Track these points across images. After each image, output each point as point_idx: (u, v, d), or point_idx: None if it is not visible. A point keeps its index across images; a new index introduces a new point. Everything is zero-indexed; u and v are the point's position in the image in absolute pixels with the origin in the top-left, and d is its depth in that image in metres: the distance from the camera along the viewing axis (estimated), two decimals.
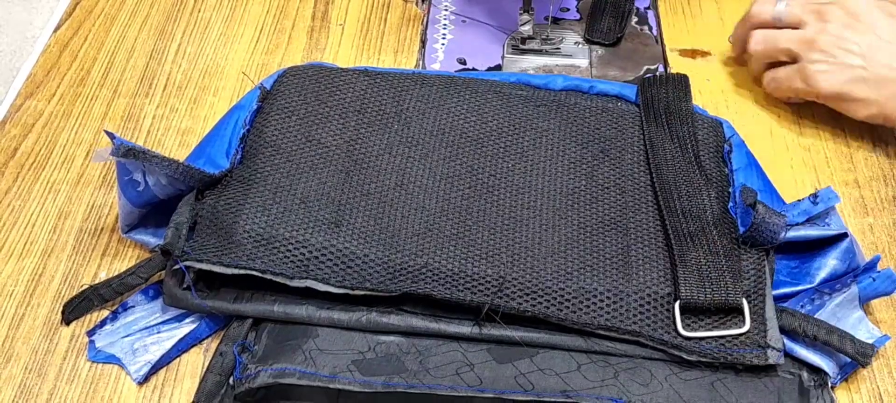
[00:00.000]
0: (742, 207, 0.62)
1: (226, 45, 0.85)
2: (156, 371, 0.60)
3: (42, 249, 0.67)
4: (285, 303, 0.59)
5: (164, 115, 0.78)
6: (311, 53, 0.84)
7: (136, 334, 0.61)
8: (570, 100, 0.72)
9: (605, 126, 0.70)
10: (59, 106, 0.78)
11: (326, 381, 0.56)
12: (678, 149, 0.67)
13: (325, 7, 0.89)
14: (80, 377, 0.60)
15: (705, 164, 0.67)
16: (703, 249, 0.60)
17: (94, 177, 0.72)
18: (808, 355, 0.58)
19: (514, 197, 0.65)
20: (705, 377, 0.57)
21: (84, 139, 0.75)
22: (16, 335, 0.62)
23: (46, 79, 0.80)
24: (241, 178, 0.65)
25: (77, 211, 0.70)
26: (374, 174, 0.66)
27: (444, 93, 0.72)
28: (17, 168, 0.73)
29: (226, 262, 0.59)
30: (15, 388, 0.59)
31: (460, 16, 0.87)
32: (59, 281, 0.65)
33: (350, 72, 0.74)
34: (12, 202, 0.70)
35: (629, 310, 0.58)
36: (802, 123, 0.77)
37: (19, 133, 0.76)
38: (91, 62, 0.82)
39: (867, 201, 0.71)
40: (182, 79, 0.81)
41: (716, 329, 0.58)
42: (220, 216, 0.62)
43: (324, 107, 0.70)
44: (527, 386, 0.56)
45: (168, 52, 0.84)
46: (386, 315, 0.59)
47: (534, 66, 0.82)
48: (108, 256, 0.67)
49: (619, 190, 0.66)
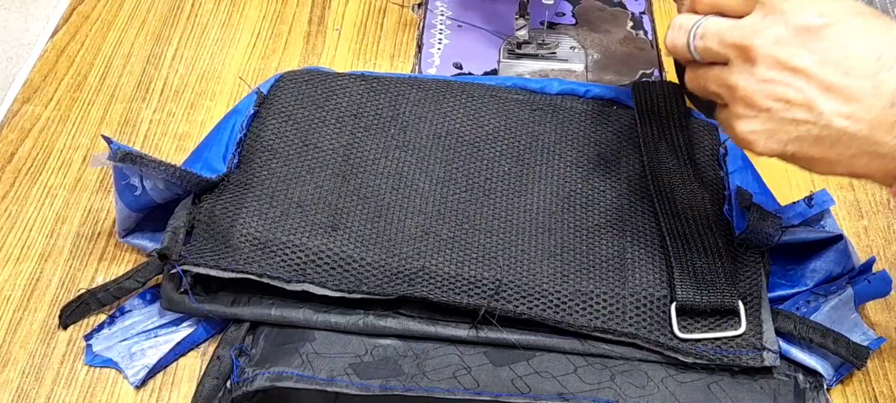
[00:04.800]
0: (737, 210, 0.62)
1: (223, 50, 0.85)
2: (153, 375, 0.60)
3: (39, 254, 0.67)
4: (282, 307, 0.60)
5: (161, 120, 0.78)
6: (307, 58, 0.84)
7: (133, 338, 0.61)
8: (565, 104, 0.72)
9: (600, 130, 0.71)
10: (56, 111, 0.78)
11: (324, 384, 0.56)
12: (673, 153, 0.68)
13: (322, 12, 0.89)
14: (78, 381, 0.60)
15: (701, 167, 0.67)
16: (698, 252, 0.60)
17: (92, 181, 0.72)
18: (803, 357, 0.58)
19: (510, 200, 0.65)
20: (701, 379, 0.57)
21: (81, 144, 0.75)
22: (13, 339, 0.62)
23: (43, 85, 0.80)
24: (238, 183, 0.65)
25: (74, 216, 0.70)
26: (371, 178, 0.66)
27: (441, 97, 0.72)
28: (14, 173, 0.73)
29: (223, 266, 0.59)
30: (12, 393, 0.59)
31: (456, 20, 0.88)
32: (57, 285, 0.65)
33: (346, 77, 0.74)
34: (9, 207, 0.70)
35: (625, 313, 0.58)
36: None
37: (16, 138, 0.76)
38: (88, 67, 0.82)
39: (862, 204, 0.71)
40: (179, 84, 0.81)
41: (712, 331, 0.58)
42: (217, 220, 0.62)
43: (320, 112, 0.70)
44: (524, 389, 0.56)
45: (165, 57, 0.84)
46: (383, 318, 0.59)
47: (530, 71, 0.82)
48: (105, 260, 0.67)
49: (615, 193, 0.66)
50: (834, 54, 0.49)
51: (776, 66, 0.50)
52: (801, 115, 0.50)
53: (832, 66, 0.49)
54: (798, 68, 0.49)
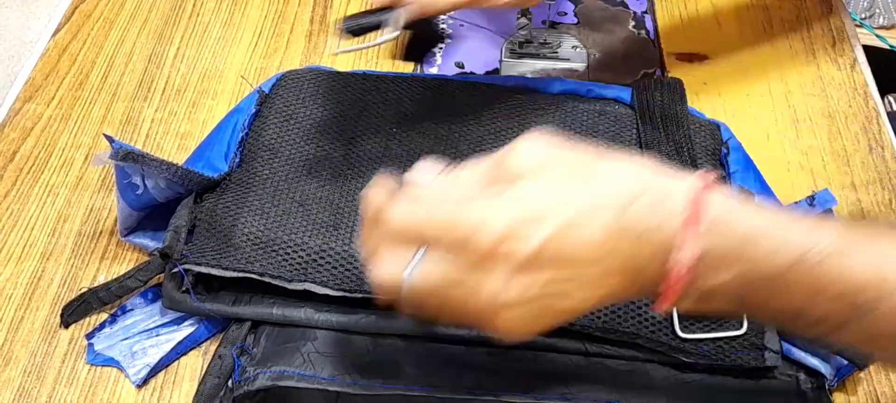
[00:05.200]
0: None
1: (224, 49, 0.85)
2: (155, 373, 0.60)
3: (41, 252, 0.67)
4: (284, 306, 0.60)
5: (162, 119, 0.78)
6: (309, 57, 0.84)
7: (134, 337, 0.61)
8: (567, 103, 0.72)
9: (601, 129, 0.71)
10: (57, 109, 0.78)
11: (325, 384, 0.56)
12: (674, 152, 0.68)
13: (324, 11, 0.89)
14: (79, 380, 0.60)
15: (702, 167, 0.67)
16: None
17: (93, 180, 0.72)
18: (805, 357, 0.58)
19: None
20: (703, 379, 0.57)
21: (83, 143, 0.75)
22: (15, 338, 0.62)
23: (45, 83, 0.80)
24: (240, 182, 0.65)
25: (76, 215, 0.70)
26: (373, 177, 0.65)
27: (443, 96, 0.72)
28: (15, 171, 0.73)
29: (224, 265, 0.59)
30: (14, 391, 0.59)
31: (458, 20, 0.88)
32: (58, 284, 0.65)
33: (348, 76, 0.74)
34: (11, 205, 0.70)
35: (627, 313, 0.58)
36: (799, 127, 0.77)
37: (18, 136, 0.76)
38: (90, 66, 0.82)
39: (864, 205, 0.71)
40: (181, 83, 0.81)
41: (713, 331, 0.58)
42: (218, 219, 0.62)
43: (322, 111, 0.70)
44: (526, 389, 0.56)
45: (167, 55, 0.84)
46: (384, 317, 0.59)
47: (531, 70, 0.82)
48: (106, 259, 0.67)
49: None
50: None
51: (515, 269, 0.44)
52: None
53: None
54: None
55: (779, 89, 0.81)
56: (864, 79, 0.81)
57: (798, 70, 0.82)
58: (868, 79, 0.82)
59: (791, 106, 0.79)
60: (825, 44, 0.85)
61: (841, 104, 0.79)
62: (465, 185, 0.46)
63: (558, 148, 0.46)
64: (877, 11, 1.37)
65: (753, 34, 0.86)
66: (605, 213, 0.43)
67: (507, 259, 0.43)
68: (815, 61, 0.83)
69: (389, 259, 0.46)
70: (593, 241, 0.43)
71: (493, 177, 0.46)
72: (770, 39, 0.85)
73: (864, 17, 1.35)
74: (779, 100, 0.80)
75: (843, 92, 0.80)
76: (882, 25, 1.36)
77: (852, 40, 0.85)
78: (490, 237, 0.43)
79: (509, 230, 0.43)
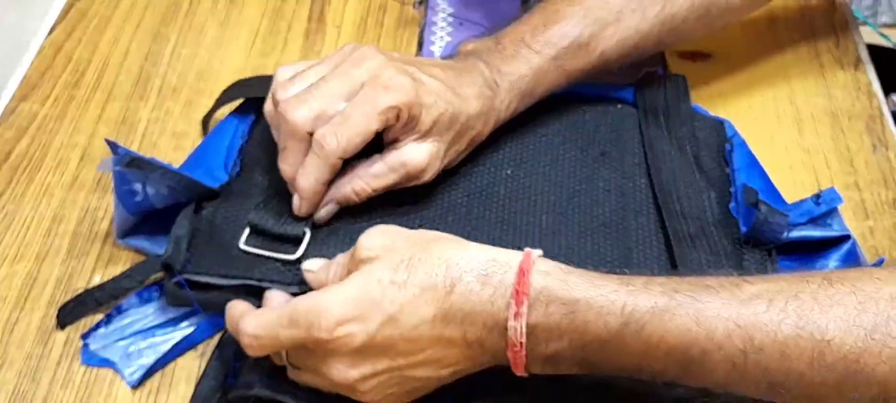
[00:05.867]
0: (744, 206, 0.62)
1: (221, 48, 0.84)
2: (150, 375, 0.59)
3: (36, 253, 0.66)
4: None
5: (158, 118, 0.77)
6: (307, 56, 0.83)
7: (130, 338, 0.60)
8: (568, 104, 0.71)
9: (604, 128, 0.70)
10: (53, 108, 0.77)
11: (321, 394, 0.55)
12: (677, 150, 0.67)
13: (322, 9, 0.88)
14: (75, 382, 0.59)
15: (705, 165, 0.66)
16: (704, 250, 0.60)
17: (89, 180, 0.71)
18: None
19: (513, 200, 0.64)
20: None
21: (78, 142, 0.75)
22: (9, 340, 0.61)
23: (41, 82, 0.80)
24: (240, 192, 0.64)
25: (71, 215, 0.69)
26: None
27: None
28: (10, 171, 0.72)
29: (224, 274, 0.59)
30: (8, 394, 0.58)
31: (457, 18, 0.87)
32: (54, 285, 0.64)
33: None
34: (6, 205, 0.69)
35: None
36: (802, 126, 0.77)
37: (13, 136, 0.75)
38: (85, 65, 0.82)
39: (867, 204, 0.71)
40: (177, 82, 0.80)
41: None
42: (218, 229, 0.62)
43: None
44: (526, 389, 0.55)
45: (163, 54, 0.83)
46: None
47: None
48: (102, 260, 0.66)
49: (619, 192, 0.65)
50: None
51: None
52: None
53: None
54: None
55: (782, 88, 0.80)
56: (868, 78, 0.81)
57: (801, 68, 0.82)
58: (872, 77, 0.81)
59: (794, 104, 0.78)
60: (829, 42, 0.84)
61: (844, 103, 0.79)
62: (332, 273, 0.54)
63: (399, 233, 0.52)
64: (880, 9, 1.36)
65: (757, 32, 0.85)
66: (428, 303, 0.48)
67: (341, 349, 0.49)
68: (818, 59, 0.83)
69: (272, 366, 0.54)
70: (418, 331, 0.49)
71: (347, 269, 0.52)
72: (773, 37, 0.85)
73: (868, 15, 1.35)
74: (782, 99, 0.79)
75: (847, 90, 0.80)
76: (886, 23, 1.35)
77: (856, 38, 0.85)
78: (324, 333, 0.48)
79: (338, 325, 0.48)
